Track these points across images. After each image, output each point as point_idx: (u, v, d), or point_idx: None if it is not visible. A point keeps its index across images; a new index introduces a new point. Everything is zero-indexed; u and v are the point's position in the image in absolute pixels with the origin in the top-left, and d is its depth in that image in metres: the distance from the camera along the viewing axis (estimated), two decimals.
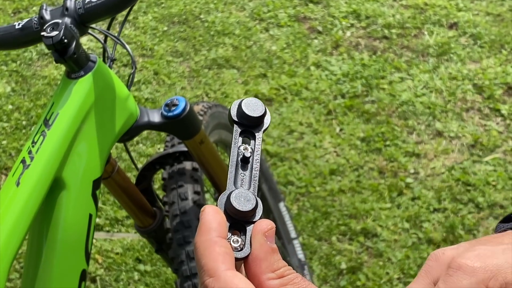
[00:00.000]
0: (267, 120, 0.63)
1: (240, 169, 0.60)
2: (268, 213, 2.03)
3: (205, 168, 1.43)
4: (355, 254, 2.43)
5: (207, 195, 2.01)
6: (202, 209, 0.56)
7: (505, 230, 0.66)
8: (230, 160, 0.60)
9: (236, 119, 0.62)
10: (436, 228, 2.51)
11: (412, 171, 2.79)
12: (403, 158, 2.85)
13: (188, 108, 1.29)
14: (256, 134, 0.63)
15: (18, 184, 1.14)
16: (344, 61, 3.36)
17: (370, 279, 2.34)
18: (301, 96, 3.17)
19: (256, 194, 0.58)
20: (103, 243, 2.48)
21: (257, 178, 0.60)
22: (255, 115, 0.61)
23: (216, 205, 0.57)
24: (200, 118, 1.59)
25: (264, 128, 0.63)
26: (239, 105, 0.62)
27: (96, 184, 1.24)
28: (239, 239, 0.55)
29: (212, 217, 0.54)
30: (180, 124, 1.30)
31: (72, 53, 1.17)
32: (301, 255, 2.18)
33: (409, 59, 3.36)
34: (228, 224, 0.55)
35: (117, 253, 2.45)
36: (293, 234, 2.18)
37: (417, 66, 3.31)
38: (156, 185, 2.02)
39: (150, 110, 1.32)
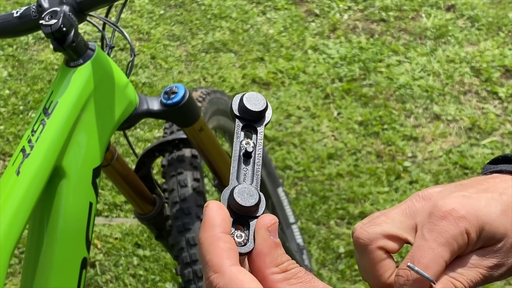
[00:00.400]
0: (268, 114, 0.63)
1: (242, 163, 0.60)
2: (266, 199, 2.03)
3: (205, 155, 1.43)
4: None
5: (207, 184, 2.01)
6: (205, 204, 0.56)
7: (491, 173, 0.67)
8: (233, 155, 0.61)
9: (237, 114, 0.62)
10: None
11: (409, 154, 2.79)
12: (400, 141, 2.85)
13: (187, 95, 1.29)
14: (258, 128, 0.63)
15: (18, 173, 1.14)
16: (341, 44, 3.35)
17: None
18: (299, 80, 3.16)
19: (258, 189, 0.59)
20: (102, 228, 2.48)
21: (259, 173, 0.60)
22: (256, 110, 0.62)
23: (219, 200, 0.57)
24: (199, 104, 1.59)
25: (265, 122, 0.63)
26: (241, 100, 0.62)
27: (96, 172, 1.24)
28: (243, 234, 0.55)
29: (216, 213, 0.54)
30: (179, 112, 1.29)
31: (71, 42, 1.16)
32: (299, 240, 2.19)
33: (406, 42, 3.35)
34: (231, 219, 0.55)
35: (116, 238, 2.45)
36: (291, 219, 2.18)
37: (415, 49, 3.31)
38: (155, 171, 2.02)
39: (149, 98, 1.31)
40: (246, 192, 0.57)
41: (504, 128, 2.91)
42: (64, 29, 1.14)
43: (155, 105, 1.31)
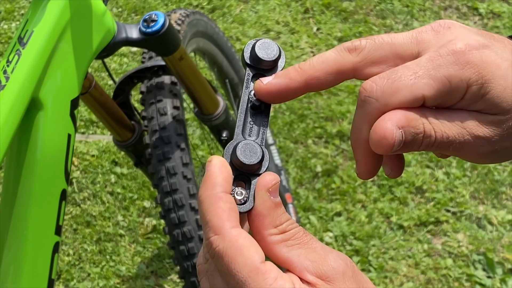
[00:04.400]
0: (281, 63, 0.60)
1: (249, 117, 0.58)
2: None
3: (185, 84, 1.40)
4: (330, 157, 2.45)
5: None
6: (208, 159, 0.54)
7: None
8: (240, 106, 0.58)
9: (248, 62, 0.59)
10: None
11: None
12: None
13: (167, 24, 1.25)
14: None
15: None
16: None
17: (344, 181, 2.37)
18: None
19: (263, 145, 0.57)
20: (78, 145, 2.46)
21: (266, 128, 0.58)
22: (269, 59, 0.58)
23: (222, 155, 0.55)
24: (178, 27, 1.55)
25: (278, 71, 0.60)
26: (253, 47, 0.59)
27: (74, 103, 1.21)
28: (243, 192, 0.54)
29: (218, 170, 0.53)
30: (159, 41, 1.25)
31: None
32: (278, 161, 2.19)
33: None
34: (233, 176, 0.54)
35: (93, 156, 2.44)
36: (270, 140, 2.18)
37: None
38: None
39: (128, 26, 1.27)
40: (249, 148, 0.55)
41: None
42: None
43: (134, 33, 1.26)
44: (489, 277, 2.11)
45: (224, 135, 1.52)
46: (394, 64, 0.55)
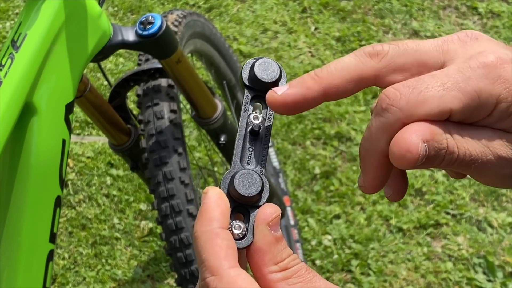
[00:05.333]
0: (282, 83, 0.56)
1: (248, 143, 0.54)
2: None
3: (182, 87, 1.37)
4: (329, 159, 2.42)
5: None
6: (204, 190, 0.51)
7: None
8: (238, 131, 0.54)
9: (247, 83, 0.55)
10: None
11: None
12: None
13: (164, 26, 1.22)
14: None
15: None
16: None
17: (343, 183, 2.34)
18: None
19: (263, 173, 0.53)
20: (73, 147, 2.43)
21: (266, 154, 0.54)
22: (269, 80, 0.55)
23: (219, 186, 0.52)
24: (175, 29, 1.52)
25: None
26: (252, 67, 0.55)
27: (68, 108, 1.18)
28: (242, 225, 0.50)
29: (215, 203, 0.50)
30: (156, 43, 1.23)
31: None
32: (276, 163, 2.16)
33: None
34: (230, 208, 0.51)
35: (88, 157, 2.41)
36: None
37: None
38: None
39: (124, 28, 1.24)
40: (248, 179, 0.51)
41: None
42: None
43: (130, 36, 1.23)
44: (489, 280, 2.09)
45: (222, 139, 1.49)
46: (418, 72, 0.51)
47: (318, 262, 2.13)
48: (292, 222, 2.07)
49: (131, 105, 2.28)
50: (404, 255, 2.15)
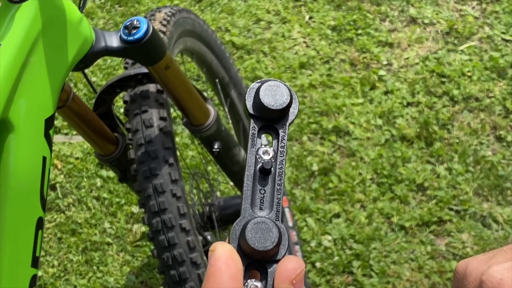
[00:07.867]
0: (293, 110, 0.48)
1: (258, 183, 0.46)
2: (237, 121, 1.90)
3: (172, 94, 1.28)
4: (327, 155, 2.33)
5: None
6: (211, 248, 0.43)
7: None
8: (246, 170, 0.46)
9: (252, 113, 0.47)
10: (410, 124, 2.42)
11: (385, 62, 2.66)
12: (375, 48, 2.71)
13: (151, 30, 1.12)
14: (280, 130, 0.47)
15: None
16: None
17: (342, 180, 2.26)
18: None
19: (280, 219, 0.45)
20: (61, 147, 2.34)
21: (281, 196, 0.46)
22: (277, 107, 0.46)
23: (228, 240, 0.43)
24: (164, 28, 1.43)
25: (290, 121, 0.48)
26: (257, 93, 0.47)
27: (48, 122, 1.09)
28: (258, 285, 0.42)
29: (224, 264, 0.41)
30: (142, 49, 1.13)
31: None
32: None
33: None
34: (243, 266, 0.42)
35: (77, 158, 2.32)
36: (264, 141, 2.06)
37: None
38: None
39: (107, 33, 1.15)
40: (262, 229, 0.43)
41: (483, 32, 2.78)
42: None
43: (114, 42, 1.14)
44: None
45: (215, 146, 1.40)
46: None
47: (318, 264, 2.05)
48: (290, 224, 1.99)
49: (118, 111, 2.19)
50: (407, 255, 2.07)
